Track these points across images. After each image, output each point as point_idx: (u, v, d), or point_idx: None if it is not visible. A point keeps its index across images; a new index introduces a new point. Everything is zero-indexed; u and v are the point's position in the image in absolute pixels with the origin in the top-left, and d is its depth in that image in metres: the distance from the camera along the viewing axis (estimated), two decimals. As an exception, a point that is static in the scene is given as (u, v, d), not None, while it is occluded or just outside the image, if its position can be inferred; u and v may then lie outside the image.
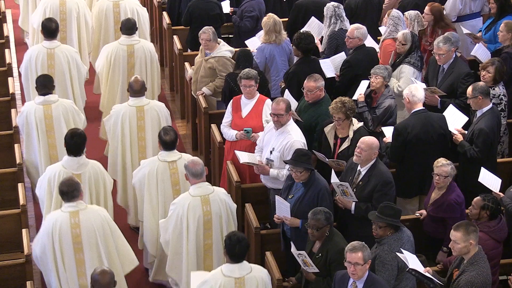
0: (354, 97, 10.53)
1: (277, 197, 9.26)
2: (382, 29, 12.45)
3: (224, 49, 11.88)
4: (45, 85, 10.74)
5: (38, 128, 10.71)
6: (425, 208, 9.51)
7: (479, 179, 9.46)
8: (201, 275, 8.55)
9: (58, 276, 8.93)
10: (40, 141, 10.75)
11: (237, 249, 8.22)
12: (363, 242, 7.98)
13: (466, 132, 10.17)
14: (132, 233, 10.81)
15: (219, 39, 12.02)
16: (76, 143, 9.56)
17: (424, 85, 10.77)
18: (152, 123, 10.68)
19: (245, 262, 8.33)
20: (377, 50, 12.09)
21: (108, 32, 13.23)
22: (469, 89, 10.10)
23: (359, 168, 9.28)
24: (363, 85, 10.82)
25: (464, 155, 9.90)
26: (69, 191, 8.83)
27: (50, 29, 11.89)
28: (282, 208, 9.19)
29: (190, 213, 9.18)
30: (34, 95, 11.25)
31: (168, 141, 9.71)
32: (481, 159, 9.88)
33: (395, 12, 12.20)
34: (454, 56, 11.07)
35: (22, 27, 14.65)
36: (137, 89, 10.68)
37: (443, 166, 9.18)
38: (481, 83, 10.25)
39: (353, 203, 9.19)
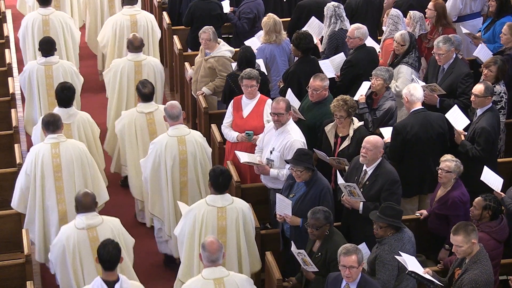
0: (355, 98, 10.53)
1: (277, 195, 9.26)
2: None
3: (224, 49, 11.88)
4: (48, 49, 11.50)
5: (40, 87, 11.50)
6: (430, 205, 9.51)
7: (481, 178, 9.46)
8: (185, 206, 9.28)
9: (42, 204, 9.75)
10: (40, 100, 11.53)
11: (220, 180, 8.94)
12: (355, 245, 8.00)
13: (465, 133, 10.16)
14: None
15: (219, 39, 12.02)
16: (66, 96, 10.38)
17: (423, 83, 10.77)
18: (149, 77, 11.50)
19: (227, 194, 9.03)
20: (378, 50, 12.09)
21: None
22: (481, 88, 10.05)
23: (365, 167, 9.27)
24: (364, 86, 10.81)
25: (466, 154, 9.87)
26: (54, 121, 9.76)
27: None
28: (284, 206, 9.19)
29: (168, 152, 9.89)
30: (32, 59, 12.28)
31: (146, 93, 10.60)
32: (483, 158, 9.87)
33: (394, 11, 12.20)
34: (454, 56, 11.07)
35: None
36: (137, 45, 11.61)
37: (447, 161, 9.22)
38: (489, 84, 10.24)
39: (361, 203, 9.18)
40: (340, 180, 9.26)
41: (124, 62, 11.69)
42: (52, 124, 9.75)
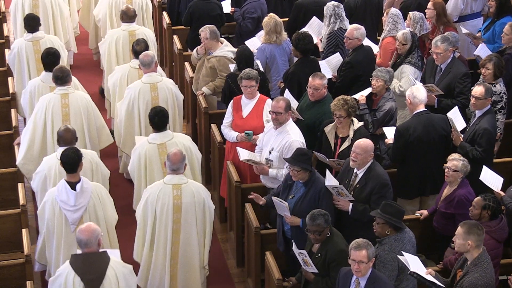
0: (355, 96, 10.51)
1: (273, 198, 9.25)
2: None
3: (227, 49, 11.86)
4: (34, 25, 12.13)
5: (29, 62, 12.05)
6: (436, 204, 9.51)
7: (480, 177, 9.45)
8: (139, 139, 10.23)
9: (53, 148, 10.34)
10: (30, 74, 12.01)
11: (156, 119, 9.82)
12: (367, 240, 7.99)
13: (462, 135, 10.14)
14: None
15: (222, 39, 12.01)
16: (51, 60, 11.03)
17: (420, 84, 10.77)
18: None
19: (168, 131, 9.94)
20: (376, 49, 12.08)
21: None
22: (481, 91, 10.01)
23: (355, 170, 9.26)
24: (368, 90, 10.79)
25: (466, 156, 9.85)
26: (63, 76, 10.55)
27: None
28: (282, 208, 9.19)
29: (141, 97, 10.82)
30: (21, 34, 12.92)
31: (138, 50, 11.33)
32: (484, 159, 9.85)
33: (393, 10, 12.21)
34: (451, 56, 11.06)
35: None
36: (131, 15, 12.35)
37: (454, 160, 9.25)
38: (488, 85, 10.23)
39: (351, 204, 9.18)
40: (328, 182, 9.25)
41: (118, 32, 12.36)
42: (60, 79, 10.52)
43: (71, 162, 8.88)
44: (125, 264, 8.16)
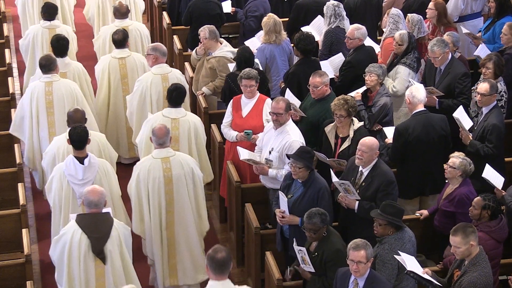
0: (351, 94, 10.52)
1: (280, 192, 9.26)
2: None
3: (226, 50, 11.87)
4: (52, 13, 12.52)
5: (44, 48, 12.34)
6: (437, 203, 9.51)
7: (483, 175, 9.45)
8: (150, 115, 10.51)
9: (31, 135, 10.86)
10: None
11: (174, 95, 10.13)
12: (366, 240, 7.97)
13: (471, 134, 10.14)
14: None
15: (221, 39, 12.01)
16: (62, 45, 11.39)
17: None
18: (136, 41, 12.54)
19: (182, 108, 10.24)
20: (377, 50, 12.08)
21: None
22: (486, 87, 10.03)
23: (361, 168, 9.26)
24: (363, 88, 10.80)
25: (477, 154, 9.81)
26: (47, 64, 10.80)
27: None
28: (283, 204, 9.21)
29: (153, 88, 11.12)
30: (31, 24, 13.36)
31: (116, 39, 11.71)
32: (496, 155, 9.83)
33: (394, 10, 12.20)
34: (450, 57, 11.05)
35: None
36: (123, 12, 12.58)
37: (454, 157, 9.24)
38: (493, 81, 10.23)
39: (357, 202, 9.18)
40: (334, 178, 9.26)
41: (111, 29, 12.43)
42: (44, 67, 10.78)
43: (81, 140, 9.19)
44: (125, 225, 8.78)
